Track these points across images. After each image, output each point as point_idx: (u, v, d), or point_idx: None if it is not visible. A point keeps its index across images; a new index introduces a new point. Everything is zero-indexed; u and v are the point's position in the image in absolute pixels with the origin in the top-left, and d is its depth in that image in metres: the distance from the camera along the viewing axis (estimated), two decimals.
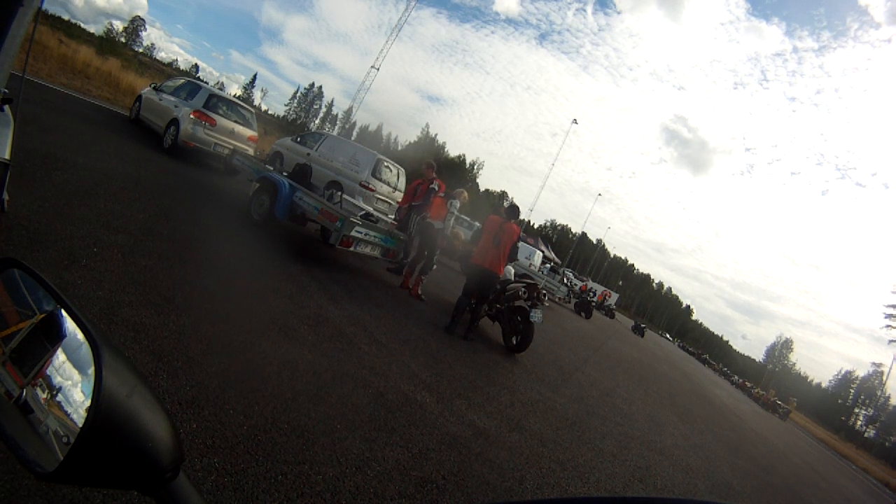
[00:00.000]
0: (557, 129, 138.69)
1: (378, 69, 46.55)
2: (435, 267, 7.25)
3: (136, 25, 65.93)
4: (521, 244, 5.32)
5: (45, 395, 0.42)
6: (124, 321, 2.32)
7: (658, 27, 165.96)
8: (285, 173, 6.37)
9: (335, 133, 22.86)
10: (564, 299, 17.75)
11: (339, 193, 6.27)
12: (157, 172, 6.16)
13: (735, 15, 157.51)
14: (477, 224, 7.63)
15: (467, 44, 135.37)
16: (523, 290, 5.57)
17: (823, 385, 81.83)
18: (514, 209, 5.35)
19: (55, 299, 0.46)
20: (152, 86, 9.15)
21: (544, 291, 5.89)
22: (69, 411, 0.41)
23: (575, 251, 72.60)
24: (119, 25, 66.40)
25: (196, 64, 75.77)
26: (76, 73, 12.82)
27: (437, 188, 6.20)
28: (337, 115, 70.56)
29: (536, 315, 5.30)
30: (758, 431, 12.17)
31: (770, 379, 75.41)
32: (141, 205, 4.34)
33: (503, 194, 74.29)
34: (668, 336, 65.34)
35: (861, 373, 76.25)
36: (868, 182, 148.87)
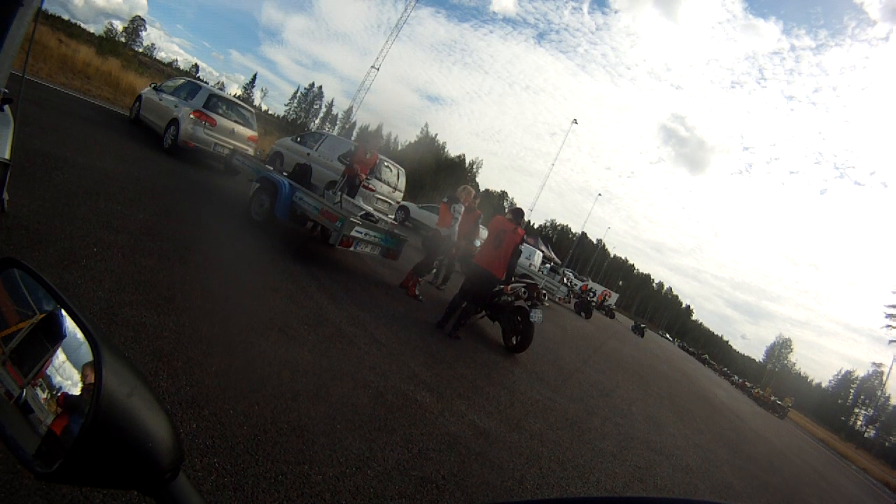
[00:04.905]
0: (556, 129, 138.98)
1: (378, 69, 46.48)
2: (434, 271, 7.27)
3: (136, 25, 65.89)
4: (522, 246, 5.21)
5: (45, 395, 0.42)
6: (124, 321, 2.32)
7: (655, 26, 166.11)
8: (285, 173, 6.37)
9: (335, 133, 22.86)
10: (564, 299, 17.73)
11: (339, 193, 6.27)
12: (157, 172, 6.16)
13: (732, 13, 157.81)
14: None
15: (466, 43, 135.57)
16: (523, 290, 5.57)
17: (823, 385, 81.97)
18: (520, 212, 5.29)
19: (55, 299, 0.46)
20: (152, 86, 9.15)
21: (544, 291, 5.90)
22: (69, 411, 0.41)
23: (575, 251, 72.57)
24: (119, 25, 66.38)
25: (196, 64, 75.74)
26: (76, 73, 12.83)
27: (368, 157, 7.20)
28: (337, 115, 70.53)
29: (536, 315, 5.30)
30: (758, 431, 12.16)
31: (770, 379, 75.41)
32: (141, 205, 4.34)
33: (503, 194, 74.37)
34: (668, 336, 65.26)
35: (861, 373, 76.40)
36: (867, 181, 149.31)
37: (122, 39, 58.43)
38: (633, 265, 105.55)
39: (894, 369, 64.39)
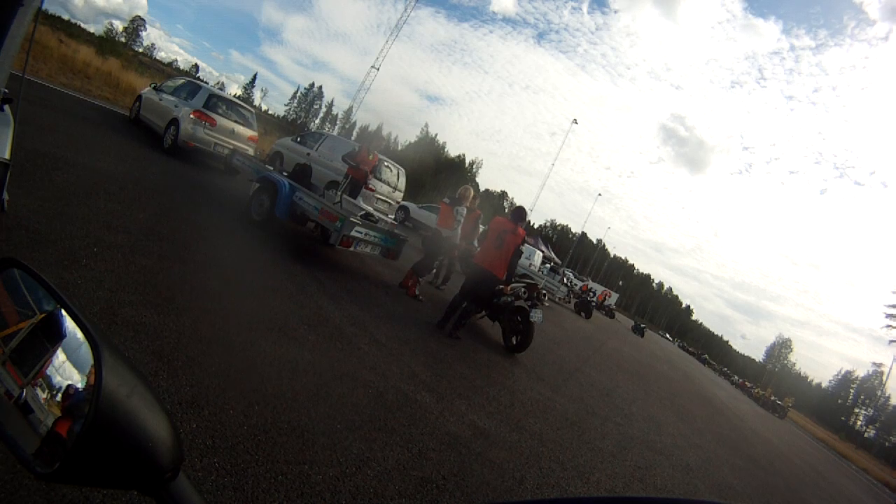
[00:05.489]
0: (556, 129, 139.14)
1: (378, 69, 46.49)
2: (434, 271, 7.26)
3: (136, 25, 65.93)
4: (523, 246, 5.17)
5: (45, 395, 0.42)
6: (124, 321, 2.32)
7: (655, 26, 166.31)
8: (285, 173, 6.37)
9: (335, 133, 22.85)
10: (564, 299, 17.74)
11: (338, 192, 6.27)
12: (157, 172, 6.17)
13: (731, 13, 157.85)
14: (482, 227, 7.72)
15: (465, 43, 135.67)
16: (523, 290, 5.57)
17: (823, 385, 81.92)
18: (521, 212, 5.23)
19: (55, 299, 0.46)
20: (152, 86, 9.15)
21: (544, 291, 5.90)
22: (69, 411, 0.41)
23: (575, 251, 72.54)
24: (119, 25, 66.40)
25: (196, 64, 75.67)
26: (76, 73, 12.82)
27: (371, 157, 7.29)
28: (337, 115, 70.50)
29: (536, 315, 5.30)
30: (757, 431, 12.16)
31: (770, 379, 75.39)
32: (141, 205, 4.34)
33: (503, 194, 74.35)
34: (668, 336, 65.27)
35: (861, 373, 76.36)
36: (866, 181, 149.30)
37: (122, 39, 58.43)
38: (633, 265, 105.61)
39: (894, 369, 64.45)
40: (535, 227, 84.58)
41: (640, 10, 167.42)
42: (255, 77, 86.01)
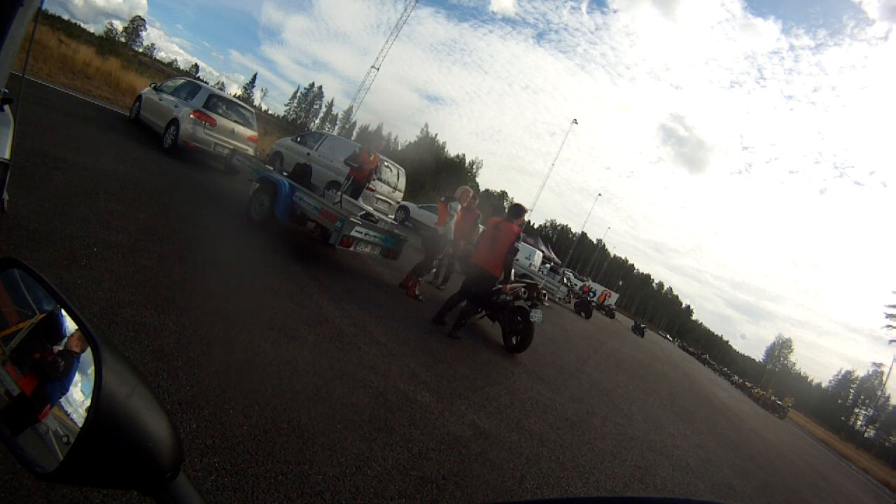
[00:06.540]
0: (556, 129, 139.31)
1: (378, 69, 46.54)
2: (434, 270, 7.26)
3: (136, 25, 66.00)
4: (521, 244, 5.15)
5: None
6: (124, 321, 2.32)
7: (654, 26, 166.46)
8: (285, 173, 6.37)
9: (335, 133, 22.85)
10: (564, 299, 17.74)
11: (339, 193, 6.27)
12: (157, 172, 6.16)
13: (731, 13, 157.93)
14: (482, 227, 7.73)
15: (465, 43, 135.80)
16: (523, 289, 5.57)
17: (823, 385, 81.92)
18: (516, 209, 5.21)
19: (55, 299, 0.46)
20: (152, 86, 9.14)
21: (544, 291, 5.89)
22: (69, 411, 0.41)
23: (575, 251, 72.50)
24: (119, 25, 66.57)
25: (196, 64, 75.74)
26: (76, 73, 12.82)
27: (372, 158, 7.08)
28: (337, 115, 70.61)
29: (537, 315, 5.29)
30: (757, 431, 12.16)
31: (770, 379, 75.36)
32: (141, 205, 4.34)
33: (503, 194, 74.39)
34: (668, 336, 65.25)
35: (861, 373, 76.37)
36: (866, 181, 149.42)
37: (122, 39, 58.59)
38: (633, 265, 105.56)
39: (894, 369, 64.50)
40: (535, 227, 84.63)
41: (640, 10, 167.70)
42: (255, 77, 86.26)
